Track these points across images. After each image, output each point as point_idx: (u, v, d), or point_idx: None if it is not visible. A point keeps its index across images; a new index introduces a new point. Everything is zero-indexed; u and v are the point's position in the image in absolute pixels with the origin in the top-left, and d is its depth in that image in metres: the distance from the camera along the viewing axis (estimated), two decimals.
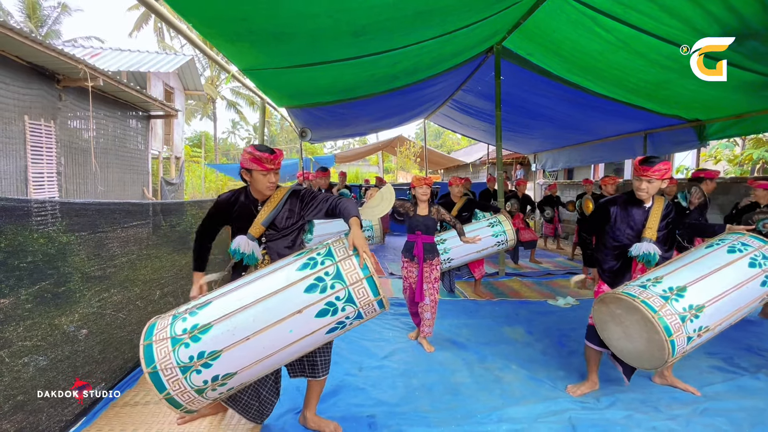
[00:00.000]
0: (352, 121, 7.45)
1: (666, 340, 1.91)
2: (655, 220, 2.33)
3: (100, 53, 12.02)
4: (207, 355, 1.54)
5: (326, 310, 1.59)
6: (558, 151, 9.81)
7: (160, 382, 1.54)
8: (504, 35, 4.98)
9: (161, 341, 1.58)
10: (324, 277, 1.62)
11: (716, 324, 2.04)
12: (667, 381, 2.57)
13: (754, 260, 2.14)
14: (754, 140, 8.05)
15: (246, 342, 1.56)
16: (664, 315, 1.95)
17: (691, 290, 2.03)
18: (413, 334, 3.40)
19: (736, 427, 2.14)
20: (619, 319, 2.14)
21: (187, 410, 1.62)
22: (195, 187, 18.84)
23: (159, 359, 1.54)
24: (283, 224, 1.94)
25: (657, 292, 2.04)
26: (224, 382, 1.58)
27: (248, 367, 1.59)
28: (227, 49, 3.30)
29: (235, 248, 1.87)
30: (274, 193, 1.96)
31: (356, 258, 1.65)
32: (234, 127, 35.60)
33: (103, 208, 2.52)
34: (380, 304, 1.65)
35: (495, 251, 4.41)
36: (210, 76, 23.80)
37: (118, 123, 9.17)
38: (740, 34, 3.29)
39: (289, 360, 1.71)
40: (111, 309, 2.56)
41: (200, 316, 1.62)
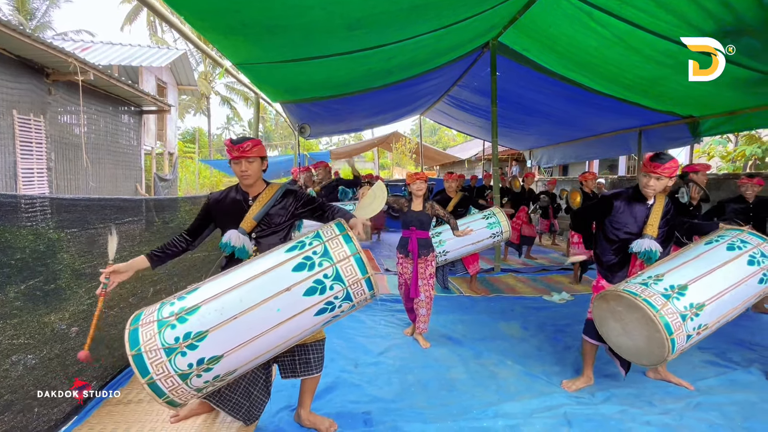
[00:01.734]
0: (348, 116, 7.41)
1: (667, 338, 1.91)
2: (657, 217, 2.33)
3: (91, 47, 11.82)
4: (193, 336, 1.50)
5: (314, 288, 1.58)
6: (553, 147, 9.83)
7: (143, 364, 1.48)
8: (500, 30, 4.96)
9: (147, 324, 1.55)
10: (312, 256, 1.62)
11: (715, 322, 2.05)
12: (661, 376, 2.59)
13: (753, 257, 2.16)
14: (747, 137, 8.12)
15: (233, 322, 1.53)
16: (666, 314, 1.95)
17: (692, 288, 2.03)
18: (409, 330, 3.40)
19: (728, 421, 2.16)
20: (619, 315, 2.14)
21: (170, 401, 1.55)
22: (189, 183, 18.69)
23: (144, 341, 1.51)
24: (276, 220, 1.92)
25: (658, 291, 2.03)
26: (210, 366, 1.53)
27: (235, 349, 1.55)
28: (220, 43, 3.25)
29: (226, 241, 1.84)
30: (267, 189, 1.95)
31: (344, 238, 1.66)
32: (228, 123, 35.34)
33: (94, 204, 2.48)
34: (369, 285, 1.64)
35: (490, 244, 4.42)
36: (204, 72, 23.55)
37: (109, 118, 9.04)
38: (735, 30, 3.30)
39: (277, 347, 1.66)
40: (102, 306, 2.52)
41: (188, 299, 1.60)
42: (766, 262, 2.15)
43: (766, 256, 2.17)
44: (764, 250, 2.18)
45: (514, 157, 14.97)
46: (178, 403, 1.59)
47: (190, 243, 1.97)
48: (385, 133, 16.48)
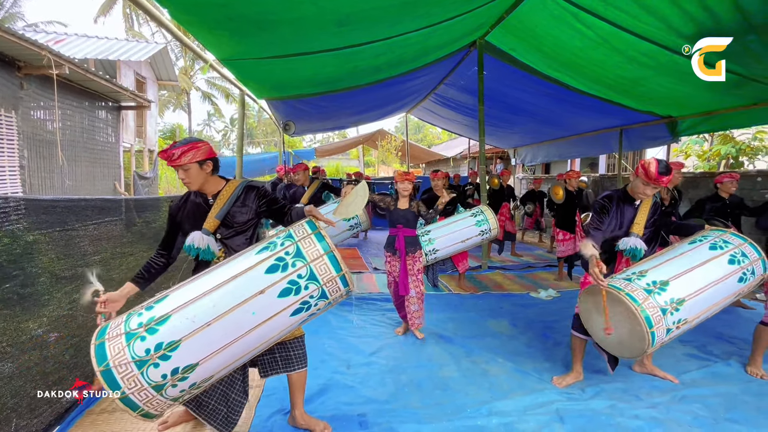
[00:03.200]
0: (334, 113, 7.33)
1: (647, 331, 1.99)
2: (643, 217, 2.40)
3: (65, 39, 11.34)
4: (165, 346, 1.45)
5: (289, 289, 1.55)
6: (537, 145, 9.98)
7: (113, 380, 1.42)
8: (487, 29, 4.98)
9: (115, 338, 1.48)
10: (284, 257, 1.58)
11: (694, 317, 2.13)
12: (647, 369, 2.66)
13: (734, 257, 2.24)
14: (722, 137, 8.42)
15: (207, 329, 1.48)
16: (647, 307, 2.02)
17: (674, 284, 2.11)
18: (400, 330, 3.39)
19: (712, 413, 2.23)
20: (602, 310, 2.19)
21: (146, 413, 1.50)
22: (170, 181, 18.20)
23: (112, 356, 1.44)
24: (239, 219, 1.86)
25: (641, 286, 2.11)
26: (185, 375, 1.48)
27: (210, 356, 1.50)
28: (205, 38, 3.15)
29: (190, 243, 1.77)
30: (226, 186, 1.88)
31: (316, 236, 1.63)
32: (209, 119, 34.59)
33: (74, 204, 2.37)
34: (344, 282, 1.62)
35: (479, 242, 4.47)
36: (184, 66, 22.94)
37: (86, 114, 8.70)
38: (714, 34, 3.40)
39: (255, 349, 1.62)
40: (83, 311, 2.42)
41: (156, 309, 1.54)
42: (745, 261, 2.24)
43: (746, 256, 2.26)
44: (745, 251, 2.27)
45: (499, 156, 15.15)
46: (153, 415, 1.53)
47: (167, 256, 1.91)
48: (371, 131, 16.44)
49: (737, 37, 3.33)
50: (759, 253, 2.30)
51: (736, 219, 3.89)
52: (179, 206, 1.91)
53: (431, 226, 4.28)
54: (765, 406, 2.30)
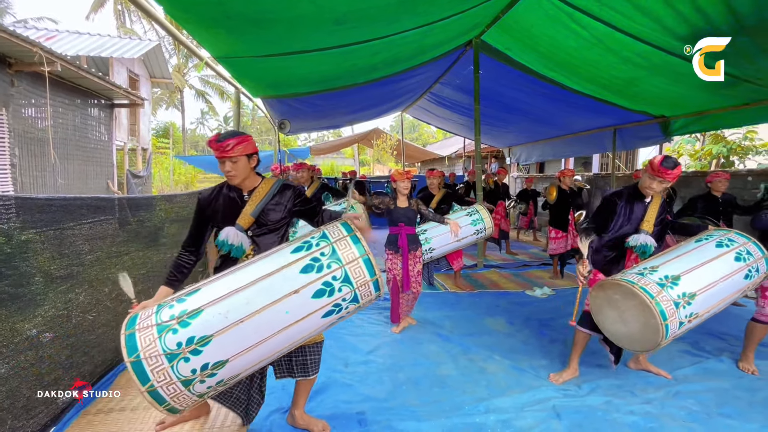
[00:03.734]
0: (330, 112, 7.32)
1: (661, 323, 2.02)
2: (653, 214, 2.45)
3: (56, 36, 11.18)
4: (197, 341, 1.43)
5: (323, 291, 1.55)
6: (532, 144, 10.04)
7: (143, 372, 1.41)
8: (483, 29, 5.00)
9: (145, 329, 1.47)
10: (320, 258, 1.57)
11: (705, 311, 2.17)
12: (642, 366, 2.70)
13: (740, 255, 2.30)
14: (713, 136, 8.53)
15: (240, 325, 1.47)
16: (661, 300, 2.06)
17: (685, 279, 2.16)
18: (396, 329, 3.40)
19: (705, 408, 2.27)
20: (615, 303, 2.24)
21: (171, 408, 1.48)
22: (163, 179, 18.06)
23: (143, 347, 1.43)
24: (272, 217, 1.85)
25: (654, 280, 2.15)
26: (214, 371, 1.47)
27: (241, 354, 1.49)
28: (201, 36, 3.13)
29: (224, 239, 1.75)
30: (262, 184, 1.86)
31: (352, 239, 1.62)
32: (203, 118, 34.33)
33: (69, 203, 2.34)
34: (376, 286, 1.63)
35: (474, 240, 4.50)
36: (177, 64, 22.73)
37: (78, 112, 8.59)
38: (706, 34, 3.44)
39: (283, 349, 1.62)
40: (78, 311, 2.40)
41: (189, 302, 1.53)
42: (751, 259, 2.30)
43: (751, 254, 2.32)
44: (749, 249, 2.34)
45: (494, 155, 15.22)
46: (177, 410, 1.52)
47: (196, 253, 1.88)
48: (366, 130, 16.42)
49: (730, 39, 3.37)
50: (762, 251, 2.36)
51: (728, 217, 3.95)
52: (210, 199, 1.86)
53: (427, 225, 4.29)
54: (756, 401, 2.34)
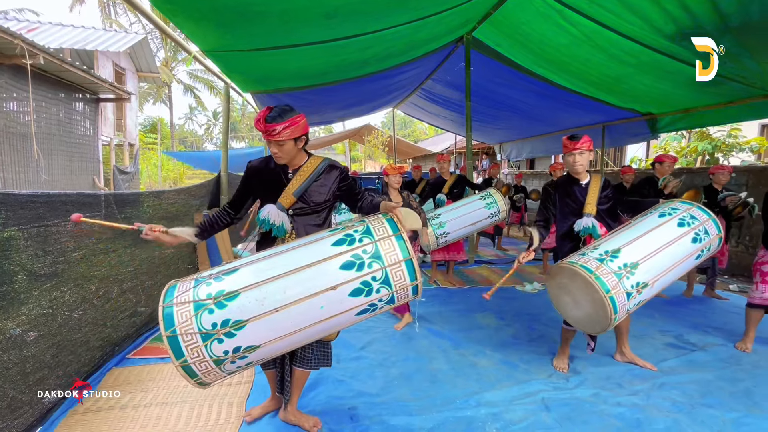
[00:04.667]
0: (321, 108, 7.26)
1: (605, 296, 2.07)
2: (594, 196, 2.51)
3: (38, 28, 10.88)
4: (231, 324, 1.45)
5: (360, 290, 1.53)
6: (522, 141, 10.11)
7: (178, 347, 1.43)
8: (474, 25, 5.01)
9: (183, 305, 1.48)
10: (362, 255, 1.55)
11: (654, 279, 2.21)
12: (627, 358, 2.75)
13: (683, 220, 2.36)
14: (699, 133, 8.69)
15: (274, 314, 1.48)
16: (601, 274, 2.11)
17: (624, 251, 2.21)
18: (400, 325, 3.39)
19: (689, 398, 2.32)
20: (566, 288, 2.30)
21: (201, 382, 1.52)
22: (151, 175, 17.78)
23: (179, 323, 1.45)
24: (315, 198, 1.82)
25: (593, 257, 2.22)
26: (245, 354, 1.50)
27: (273, 341, 1.51)
28: (189, 29, 3.07)
29: (265, 217, 1.75)
30: (308, 162, 1.83)
31: (397, 239, 1.58)
32: (192, 113, 33.80)
33: (54, 199, 2.29)
34: (414, 290, 1.60)
35: (488, 224, 4.54)
36: (165, 58, 22.30)
37: (62, 106, 8.40)
38: (692, 33, 3.49)
39: (312, 339, 1.63)
40: (63, 309, 2.36)
41: (226, 282, 1.53)
42: (695, 223, 2.36)
43: (695, 218, 2.38)
44: (694, 214, 2.40)
45: (485, 151, 15.29)
46: (207, 383, 1.55)
47: (234, 216, 1.90)
48: (357, 126, 16.36)
49: (715, 38, 3.43)
50: (708, 214, 2.42)
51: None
52: (259, 168, 1.86)
53: (441, 209, 4.33)
54: (737, 391, 2.41)
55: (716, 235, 2.40)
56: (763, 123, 9.47)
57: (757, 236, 5.16)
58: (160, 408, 2.20)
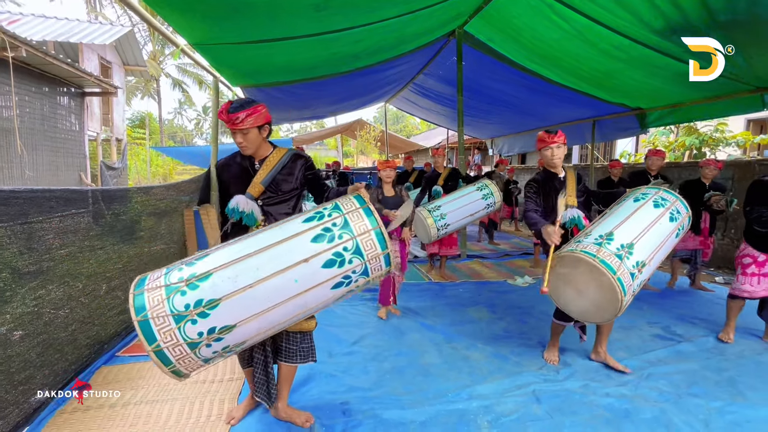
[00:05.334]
0: (312, 102, 7.21)
1: (612, 277, 2.04)
2: (572, 187, 2.55)
3: (20, 19, 10.59)
4: (205, 303, 1.43)
5: (333, 261, 1.54)
6: (514, 136, 10.16)
7: (150, 331, 1.40)
8: (466, 19, 4.99)
9: (154, 290, 1.46)
10: (331, 228, 1.57)
11: (649, 257, 2.24)
12: (601, 358, 2.66)
13: (656, 202, 2.44)
14: (686, 128, 8.82)
15: (248, 291, 1.47)
16: (603, 256, 2.11)
17: (617, 233, 2.24)
18: (383, 312, 3.49)
19: (675, 388, 2.37)
20: (567, 279, 2.26)
21: (176, 370, 1.48)
22: (140, 171, 17.52)
23: (151, 307, 1.42)
24: (283, 187, 1.87)
25: (591, 242, 2.22)
26: (220, 336, 1.46)
27: (248, 320, 1.49)
28: (176, 21, 3.01)
29: (234, 206, 1.77)
30: (273, 153, 1.89)
31: (364, 211, 1.62)
32: (181, 108, 33.28)
33: (37, 195, 2.24)
34: (387, 260, 1.62)
35: (485, 214, 4.62)
36: (152, 51, 21.87)
37: (46, 100, 8.21)
38: (682, 29, 3.52)
39: (291, 319, 1.61)
40: (50, 307, 2.31)
41: (198, 265, 1.52)
42: (667, 203, 2.45)
43: (666, 200, 2.47)
44: (663, 196, 2.49)
45: (477, 146, 15.33)
46: (183, 373, 1.51)
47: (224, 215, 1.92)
48: (349, 121, 16.27)
49: (703, 34, 3.46)
50: (675, 196, 2.52)
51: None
52: (227, 164, 1.91)
53: (440, 201, 4.42)
54: (722, 380, 2.46)
55: (686, 214, 2.50)
56: (748, 118, 9.64)
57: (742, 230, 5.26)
58: (150, 406, 2.18)
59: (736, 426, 2.03)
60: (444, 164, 4.84)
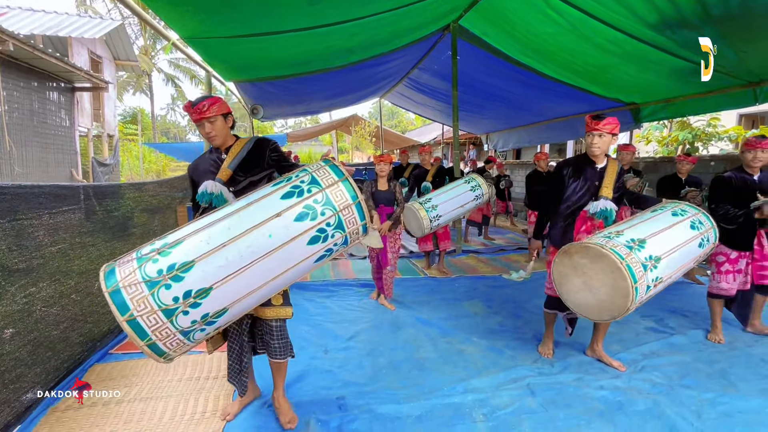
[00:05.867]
0: (306, 97, 7.15)
1: (632, 285, 1.98)
2: (611, 180, 2.41)
3: (6, 13, 10.37)
4: (178, 267, 1.40)
5: (305, 214, 1.55)
6: (509, 131, 10.15)
7: (122, 301, 1.36)
8: (461, 13, 4.96)
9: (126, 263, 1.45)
10: (300, 185, 1.60)
11: (668, 276, 2.18)
12: (596, 355, 2.67)
13: (693, 223, 2.36)
14: (680, 123, 8.87)
15: (222, 250, 1.44)
16: (630, 262, 2.03)
17: (650, 242, 2.15)
18: (374, 294, 3.67)
19: (668, 380, 2.40)
20: (581, 270, 2.19)
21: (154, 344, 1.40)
22: (132, 168, 17.35)
23: (122, 277, 1.40)
24: (251, 170, 1.91)
25: (621, 242, 2.12)
26: (197, 300, 1.41)
27: (225, 280, 1.44)
28: (167, 14, 2.96)
29: (203, 190, 1.80)
30: (238, 141, 1.95)
31: (331, 168, 1.64)
32: (173, 103, 32.91)
33: (26, 192, 2.20)
34: (360, 211, 1.63)
35: (474, 206, 4.69)
36: (143, 46, 21.57)
37: (35, 95, 8.07)
38: (675, 23, 3.53)
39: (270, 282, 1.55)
40: (41, 305, 2.28)
41: (169, 237, 1.52)
42: (703, 228, 2.38)
43: (702, 223, 2.40)
44: (701, 219, 2.41)
45: (472, 141, 15.33)
46: (162, 351, 1.44)
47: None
48: (344, 116, 16.18)
49: (696, 28, 3.47)
50: (711, 222, 2.43)
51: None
52: (194, 166, 1.98)
53: (432, 194, 4.50)
54: (714, 372, 2.50)
55: (713, 244, 2.43)
56: (741, 112, 9.72)
57: None
58: (145, 403, 2.16)
59: (728, 417, 2.06)
60: (431, 161, 4.92)
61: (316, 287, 4.16)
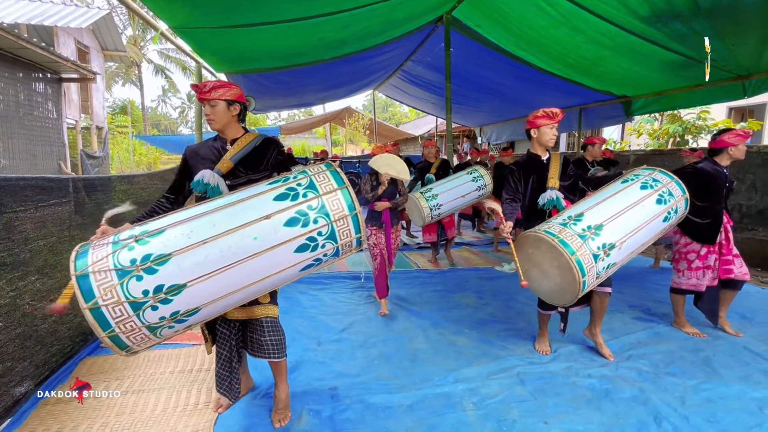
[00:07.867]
0: (299, 90, 7.08)
1: (570, 258, 2.02)
2: (555, 170, 2.51)
3: None
4: (153, 259, 1.31)
5: (296, 219, 1.48)
6: (502, 124, 10.16)
7: (88, 287, 1.29)
8: (454, 4, 4.93)
9: (101, 246, 1.39)
10: (296, 187, 1.53)
11: (621, 240, 2.18)
12: (592, 337, 2.71)
13: (645, 183, 2.37)
14: (670, 116, 8.94)
15: (202, 246, 1.35)
16: (564, 237, 2.08)
17: (588, 215, 2.21)
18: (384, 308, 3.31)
19: (654, 368, 2.45)
20: (534, 259, 2.27)
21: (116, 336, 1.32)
22: (122, 160, 17.10)
23: (93, 261, 1.32)
24: (252, 168, 1.85)
25: (557, 222, 2.22)
26: (169, 297, 1.32)
27: (201, 279, 1.35)
28: (155, 3, 2.90)
29: (199, 179, 1.72)
30: (246, 135, 1.89)
31: (331, 173, 1.59)
32: (164, 95, 32.40)
33: (11, 184, 2.16)
34: (356, 224, 1.56)
35: (476, 197, 4.74)
36: (132, 35, 21.15)
37: (21, 86, 7.90)
38: (666, 16, 3.54)
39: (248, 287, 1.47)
40: (29, 299, 2.26)
41: (151, 224, 1.46)
42: (658, 185, 2.36)
43: (658, 181, 2.39)
44: (656, 177, 2.40)
45: (466, 134, 15.31)
46: (125, 344, 1.35)
47: (174, 201, 1.87)
48: (338, 109, 16.06)
49: (686, 20, 3.49)
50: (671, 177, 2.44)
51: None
52: (195, 149, 1.90)
53: (433, 185, 4.53)
54: (697, 360, 2.56)
55: (681, 196, 2.41)
56: (730, 106, 9.81)
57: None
58: (137, 395, 2.16)
59: (710, 402, 2.11)
60: (436, 155, 4.96)
61: (309, 280, 4.16)
